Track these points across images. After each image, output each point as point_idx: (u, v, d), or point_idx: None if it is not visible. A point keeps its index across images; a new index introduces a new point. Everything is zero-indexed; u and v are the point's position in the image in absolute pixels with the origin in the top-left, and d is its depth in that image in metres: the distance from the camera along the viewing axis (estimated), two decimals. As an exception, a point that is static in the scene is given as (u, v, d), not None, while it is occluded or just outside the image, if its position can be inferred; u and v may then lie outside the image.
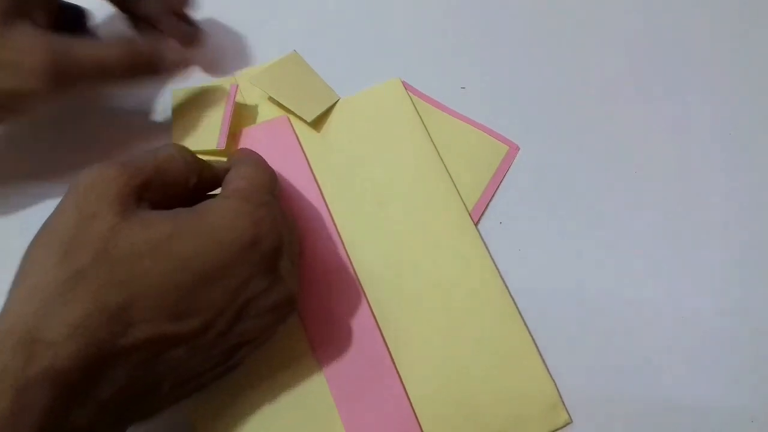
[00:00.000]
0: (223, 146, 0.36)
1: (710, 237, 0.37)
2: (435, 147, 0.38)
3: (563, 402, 0.33)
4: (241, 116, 0.38)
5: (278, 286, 0.28)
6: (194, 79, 0.40)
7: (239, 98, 0.38)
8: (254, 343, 0.29)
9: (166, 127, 0.38)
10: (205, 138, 0.37)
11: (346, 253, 0.35)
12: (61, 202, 0.26)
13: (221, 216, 0.26)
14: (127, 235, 0.25)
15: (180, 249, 0.25)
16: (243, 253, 0.26)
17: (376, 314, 0.34)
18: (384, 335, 0.33)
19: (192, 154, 0.29)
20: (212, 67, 0.41)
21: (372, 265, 0.35)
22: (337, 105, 0.39)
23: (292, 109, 0.38)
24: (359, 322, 0.33)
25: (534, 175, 0.38)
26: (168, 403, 0.27)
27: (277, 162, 0.37)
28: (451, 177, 0.37)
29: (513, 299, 0.35)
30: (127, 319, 0.24)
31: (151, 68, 0.34)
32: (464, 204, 0.37)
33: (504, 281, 0.35)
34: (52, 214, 0.26)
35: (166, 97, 0.39)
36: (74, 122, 0.39)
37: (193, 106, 0.38)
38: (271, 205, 0.28)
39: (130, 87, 0.34)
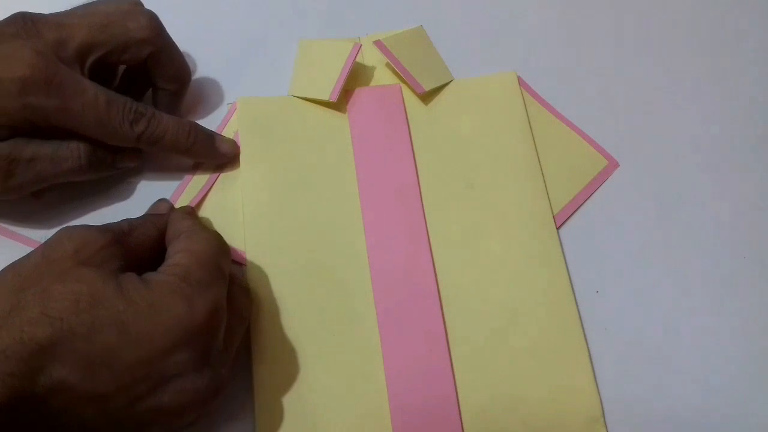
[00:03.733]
0: (335, 99, 0.38)
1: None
2: (535, 145, 0.39)
3: (605, 419, 0.33)
4: (357, 76, 0.40)
5: (205, 371, 0.27)
6: (323, 34, 0.42)
7: (359, 59, 0.40)
8: (165, 427, 0.28)
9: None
10: (320, 88, 0.38)
11: (426, 224, 0.36)
12: (31, 251, 0.27)
13: (159, 295, 0.26)
14: (74, 281, 0.25)
15: (116, 316, 0.25)
16: (173, 331, 0.26)
17: (441, 290, 0.35)
18: (444, 311, 0.34)
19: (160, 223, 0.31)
20: (341, 25, 0.43)
21: (448, 243, 0.36)
22: (450, 85, 0.40)
23: (412, 73, 0.39)
24: (423, 291, 0.34)
25: (626, 194, 0.38)
26: None
27: (380, 126, 0.38)
28: (543, 177, 0.38)
29: (578, 308, 0.35)
30: (48, 356, 0.24)
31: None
32: (550, 206, 0.37)
33: (573, 289, 0.35)
34: (20, 258, 0.27)
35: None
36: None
37: (316, 57, 0.40)
38: (211, 286, 0.28)
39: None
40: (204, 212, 0.37)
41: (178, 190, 0.37)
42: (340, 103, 0.39)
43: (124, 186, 0.37)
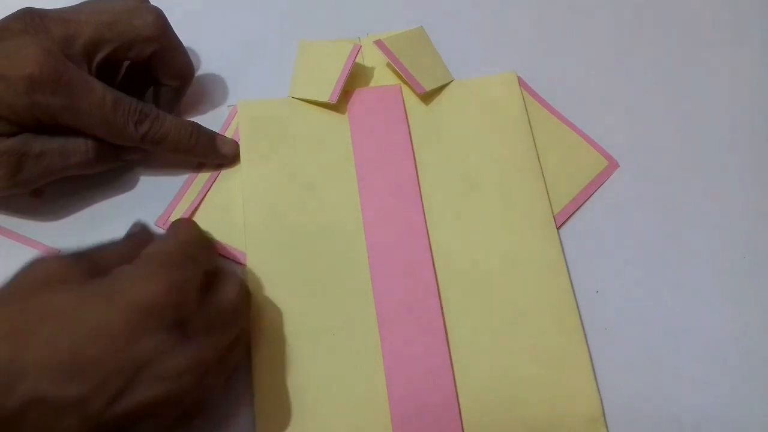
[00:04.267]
0: (335, 100, 0.38)
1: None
2: (535, 146, 0.39)
3: (605, 418, 0.33)
4: (357, 77, 0.40)
5: (181, 350, 0.26)
6: (323, 34, 0.42)
7: (359, 60, 0.40)
8: (153, 421, 0.26)
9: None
10: (320, 89, 0.39)
11: (426, 225, 0.36)
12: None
13: (116, 282, 0.26)
14: (28, 297, 0.25)
15: (72, 314, 0.25)
16: (133, 314, 0.25)
17: (441, 290, 0.35)
18: (444, 311, 0.34)
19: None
20: (341, 25, 0.43)
21: (448, 244, 0.36)
22: (450, 86, 0.40)
23: (412, 73, 0.39)
24: (423, 291, 0.34)
25: (626, 194, 0.38)
26: None
27: (380, 127, 0.38)
28: (544, 178, 0.38)
29: (578, 308, 0.35)
30: (14, 372, 0.23)
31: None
32: (550, 206, 0.37)
33: (573, 289, 0.35)
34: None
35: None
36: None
37: (316, 58, 0.40)
38: (174, 266, 0.27)
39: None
40: (204, 212, 0.37)
41: (181, 190, 0.37)
42: (340, 103, 0.39)
43: (125, 183, 0.38)
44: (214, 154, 0.37)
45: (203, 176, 0.38)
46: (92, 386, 0.24)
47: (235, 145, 0.38)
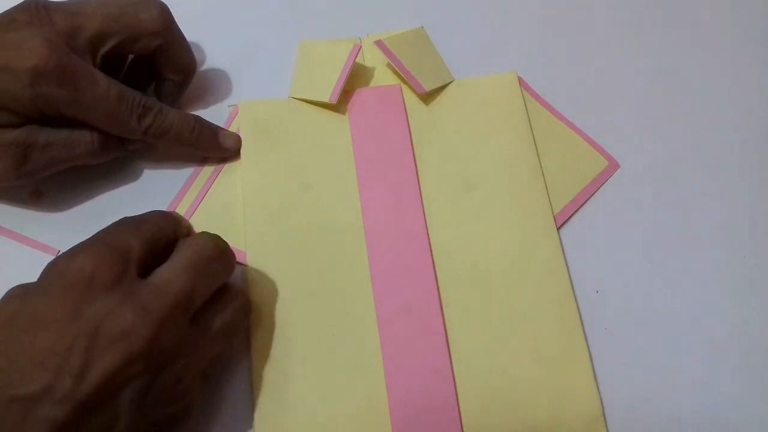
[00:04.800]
0: (335, 101, 0.38)
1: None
2: (535, 146, 0.39)
3: (605, 419, 0.33)
4: (358, 76, 0.40)
5: (127, 304, 0.26)
6: (324, 34, 0.42)
7: (360, 59, 0.40)
8: (132, 388, 0.26)
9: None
10: (320, 89, 0.39)
11: (426, 225, 0.36)
12: None
13: (51, 266, 0.27)
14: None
15: (24, 310, 0.26)
16: (70, 288, 0.26)
17: (441, 290, 0.35)
18: (444, 311, 0.34)
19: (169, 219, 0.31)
20: (341, 25, 0.43)
21: (448, 244, 0.36)
22: (450, 86, 0.40)
23: (412, 73, 0.39)
24: (423, 292, 0.34)
25: (626, 195, 0.38)
26: None
27: (381, 127, 0.38)
28: (544, 178, 0.38)
29: (578, 308, 0.35)
30: None
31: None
32: (551, 206, 0.37)
33: (573, 289, 0.35)
34: None
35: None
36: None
37: (316, 58, 0.40)
38: (95, 242, 0.28)
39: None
40: (204, 211, 0.37)
41: (184, 187, 0.37)
42: (341, 103, 0.39)
43: (128, 178, 0.38)
44: (216, 147, 0.37)
45: (206, 172, 0.38)
46: (54, 373, 0.24)
47: (238, 139, 0.38)
